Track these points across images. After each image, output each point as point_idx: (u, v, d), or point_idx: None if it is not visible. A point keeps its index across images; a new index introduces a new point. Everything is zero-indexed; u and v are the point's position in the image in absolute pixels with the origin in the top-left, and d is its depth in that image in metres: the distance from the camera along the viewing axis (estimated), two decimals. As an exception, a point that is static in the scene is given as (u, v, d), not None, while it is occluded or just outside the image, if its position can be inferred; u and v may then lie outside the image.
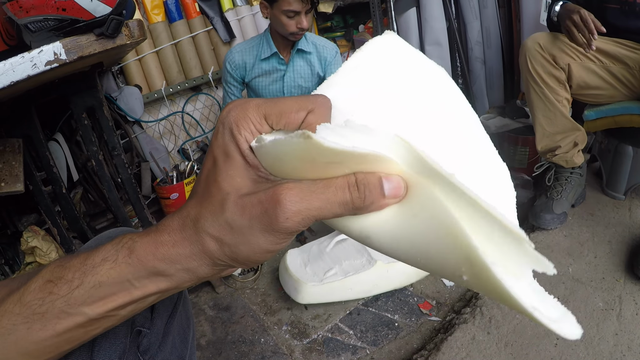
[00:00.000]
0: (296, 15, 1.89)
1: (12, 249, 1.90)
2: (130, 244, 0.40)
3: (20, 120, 1.56)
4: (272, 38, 2.07)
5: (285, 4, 1.85)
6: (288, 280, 1.64)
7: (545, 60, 1.61)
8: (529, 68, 1.64)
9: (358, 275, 1.58)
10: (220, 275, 0.43)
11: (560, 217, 1.69)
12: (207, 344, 1.53)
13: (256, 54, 2.12)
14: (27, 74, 1.13)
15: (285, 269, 1.67)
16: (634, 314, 1.30)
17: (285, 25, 1.91)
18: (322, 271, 1.63)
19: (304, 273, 1.63)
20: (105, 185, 1.69)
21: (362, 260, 1.65)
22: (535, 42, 1.63)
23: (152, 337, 0.67)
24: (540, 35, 1.64)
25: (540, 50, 1.62)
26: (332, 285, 1.57)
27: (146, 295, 0.40)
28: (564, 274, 1.49)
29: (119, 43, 1.24)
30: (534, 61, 1.63)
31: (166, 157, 2.60)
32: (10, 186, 1.44)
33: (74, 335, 0.41)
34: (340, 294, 1.59)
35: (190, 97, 2.70)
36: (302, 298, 1.58)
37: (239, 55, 2.11)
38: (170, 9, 2.49)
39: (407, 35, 2.43)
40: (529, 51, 1.64)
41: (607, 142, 1.88)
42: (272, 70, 2.16)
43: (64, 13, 1.14)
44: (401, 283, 1.64)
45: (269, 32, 2.08)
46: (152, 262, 0.39)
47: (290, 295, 1.62)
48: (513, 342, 1.27)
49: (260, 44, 2.11)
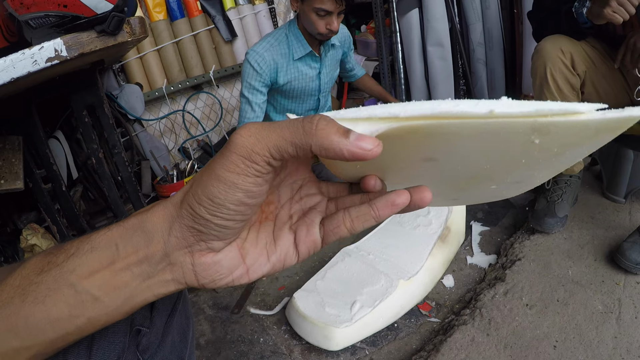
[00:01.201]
0: (327, 15, 1.76)
1: (12, 247, 1.89)
2: (125, 218, 0.41)
3: (21, 118, 1.56)
4: (302, 35, 1.92)
5: (318, 2, 1.72)
6: (311, 329, 1.41)
7: (565, 66, 1.57)
8: (547, 74, 1.59)
9: (385, 301, 1.44)
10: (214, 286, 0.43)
11: (562, 221, 1.69)
12: (206, 344, 1.53)
13: (287, 53, 1.93)
14: (27, 70, 1.13)
15: (302, 317, 1.43)
16: (633, 317, 1.30)
17: (314, 23, 1.79)
18: (346, 308, 1.43)
19: (328, 316, 1.41)
20: (105, 184, 1.69)
21: (381, 283, 1.51)
22: (556, 47, 1.57)
23: (151, 336, 0.67)
24: (561, 39, 1.58)
25: (561, 55, 1.56)
26: (364, 320, 1.40)
27: (125, 265, 0.41)
28: (563, 276, 1.49)
29: (120, 40, 1.24)
30: (554, 67, 1.57)
31: (166, 156, 2.60)
32: (10, 184, 1.44)
33: (60, 313, 0.41)
34: (373, 327, 1.44)
35: (191, 96, 2.70)
36: (336, 345, 1.37)
37: (269, 54, 1.88)
38: (172, 7, 2.49)
39: (409, 36, 2.43)
40: (548, 56, 1.58)
41: (607, 146, 1.87)
42: (308, 69, 2.01)
43: (65, 9, 1.14)
44: (421, 295, 1.56)
45: (295, 27, 1.92)
46: (139, 224, 0.40)
47: (320, 345, 1.39)
48: (512, 343, 1.27)
49: (287, 42, 1.92)
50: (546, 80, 1.59)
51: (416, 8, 2.37)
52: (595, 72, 1.61)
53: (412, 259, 1.61)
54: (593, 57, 1.61)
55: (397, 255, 1.64)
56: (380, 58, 2.68)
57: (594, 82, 1.63)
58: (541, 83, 1.62)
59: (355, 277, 1.57)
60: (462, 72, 2.31)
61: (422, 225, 1.73)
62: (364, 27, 2.94)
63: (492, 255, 1.75)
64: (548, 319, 1.33)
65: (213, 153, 2.79)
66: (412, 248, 1.65)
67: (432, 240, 1.67)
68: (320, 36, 1.85)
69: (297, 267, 1.89)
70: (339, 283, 1.55)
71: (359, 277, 1.57)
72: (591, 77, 1.61)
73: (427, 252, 1.62)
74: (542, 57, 1.59)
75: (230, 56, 2.72)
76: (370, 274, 1.56)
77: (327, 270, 1.63)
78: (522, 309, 1.38)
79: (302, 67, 1.97)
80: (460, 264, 1.74)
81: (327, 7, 1.72)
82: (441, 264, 1.66)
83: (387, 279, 1.52)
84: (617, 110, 0.29)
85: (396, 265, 1.59)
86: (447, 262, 1.71)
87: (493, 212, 2.06)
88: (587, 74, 1.60)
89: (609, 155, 1.86)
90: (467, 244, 1.85)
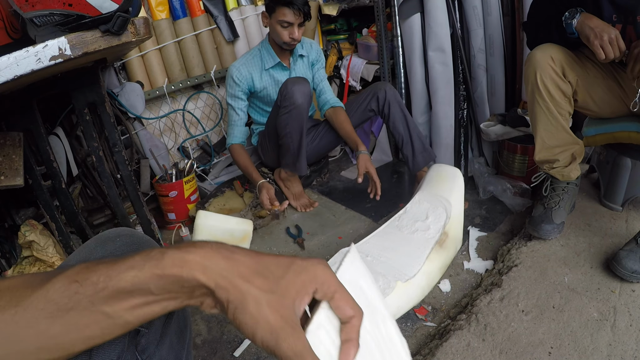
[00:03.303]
0: (289, 26, 2.11)
1: (9, 243, 1.90)
2: (158, 256, 0.44)
3: (22, 114, 1.56)
4: (272, 48, 2.26)
5: (281, 15, 2.08)
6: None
7: (555, 73, 1.58)
8: (537, 81, 1.60)
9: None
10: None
11: (559, 227, 1.70)
12: (202, 343, 1.53)
13: (259, 64, 2.28)
14: (31, 68, 1.13)
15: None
16: (628, 325, 1.31)
17: (279, 34, 2.13)
18: None
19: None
20: (104, 182, 1.69)
21: (379, 284, 1.52)
22: (547, 55, 1.58)
23: (150, 336, 0.67)
24: (552, 48, 1.60)
25: (552, 63, 1.58)
26: None
27: (159, 310, 0.46)
28: (559, 283, 1.50)
29: (124, 40, 1.25)
30: (544, 74, 1.59)
31: (166, 155, 2.61)
32: (10, 180, 1.44)
33: (93, 333, 0.45)
34: None
35: (192, 95, 2.71)
36: None
37: (244, 67, 2.24)
38: (174, 7, 2.50)
39: (410, 41, 2.44)
40: (538, 64, 1.60)
41: (605, 154, 1.88)
42: (279, 76, 2.31)
43: (70, 8, 1.14)
44: (417, 298, 1.58)
45: (267, 43, 2.27)
46: (176, 270, 0.44)
47: None
48: (508, 349, 1.28)
49: (259, 55, 2.28)
50: (537, 87, 1.61)
51: (418, 13, 2.37)
52: (589, 80, 1.63)
53: (409, 262, 1.61)
54: (586, 65, 1.63)
55: (395, 258, 1.64)
56: (381, 62, 2.69)
57: (588, 90, 1.64)
58: (533, 90, 1.64)
59: None
60: (463, 78, 2.32)
61: (420, 230, 1.74)
62: (365, 30, 2.94)
63: (489, 260, 1.76)
64: (543, 325, 1.34)
65: (212, 153, 2.79)
66: (410, 252, 1.66)
67: (429, 244, 1.67)
68: (286, 45, 2.19)
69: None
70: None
71: None
72: (584, 85, 1.62)
73: (425, 256, 1.63)
74: (533, 65, 1.62)
75: (231, 56, 2.73)
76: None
77: None
78: (517, 314, 1.39)
79: (274, 74, 2.31)
80: (457, 268, 1.75)
81: (289, 19, 2.08)
82: (438, 268, 1.67)
83: (384, 280, 1.53)
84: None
85: (394, 267, 1.60)
86: (444, 267, 1.71)
87: (491, 217, 2.07)
88: (579, 82, 1.61)
89: (607, 164, 1.87)
90: (464, 249, 1.85)
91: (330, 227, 2.20)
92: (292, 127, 2.14)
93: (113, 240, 0.71)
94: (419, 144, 2.23)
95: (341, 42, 3.11)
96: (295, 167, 2.29)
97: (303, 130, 2.18)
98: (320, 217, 2.32)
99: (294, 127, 2.14)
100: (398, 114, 2.23)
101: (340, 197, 2.50)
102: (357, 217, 2.27)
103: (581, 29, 1.46)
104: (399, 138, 2.25)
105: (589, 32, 1.42)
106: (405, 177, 2.67)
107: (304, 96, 2.09)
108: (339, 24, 3.17)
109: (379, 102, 2.28)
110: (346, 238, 2.07)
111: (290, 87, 2.08)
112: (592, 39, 1.41)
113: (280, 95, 2.14)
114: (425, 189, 1.89)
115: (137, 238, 0.74)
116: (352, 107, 2.38)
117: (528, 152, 2.15)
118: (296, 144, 2.20)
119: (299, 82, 2.10)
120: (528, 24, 1.77)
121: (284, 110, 2.11)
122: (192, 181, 2.47)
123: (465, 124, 2.37)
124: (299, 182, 2.44)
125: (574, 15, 1.49)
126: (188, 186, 2.43)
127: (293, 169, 2.32)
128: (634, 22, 1.45)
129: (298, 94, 2.07)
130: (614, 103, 1.66)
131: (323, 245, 2.03)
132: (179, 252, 0.44)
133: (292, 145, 2.20)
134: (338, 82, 3.16)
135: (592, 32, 1.41)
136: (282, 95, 2.13)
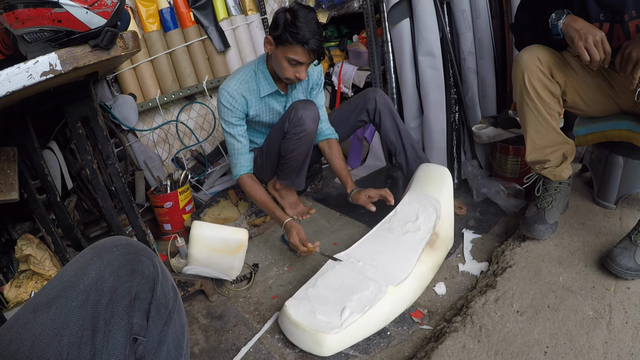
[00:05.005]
0: (298, 65, 1.87)
1: (7, 257, 1.90)
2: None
3: (15, 129, 1.56)
4: (270, 75, 2.04)
5: (292, 53, 1.82)
6: (303, 335, 1.43)
7: (543, 74, 1.59)
8: (525, 82, 1.61)
9: (375, 307, 1.46)
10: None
11: (552, 227, 1.71)
12: (200, 352, 1.53)
13: (255, 89, 2.06)
14: (22, 84, 1.14)
15: (294, 325, 1.45)
16: (623, 323, 1.31)
17: (284, 69, 1.89)
18: (336, 315, 1.45)
19: (318, 323, 1.43)
20: (99, 194, 1.69)
21: (371, 289, 1.53)
22: (534, 57, 1.59)
23: (147, 344, 0.68)
24: (538, 49, 1.61)
25: (539, 64, 1.59)
26: (354, 326, 1.42)
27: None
28: (554, 282, 1.51)
29: (113, 54, 1.26)
30: (531, 76, 1.60)
31: (160, 166, 2.61)
32: (5, 195, 1.45)
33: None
34: (363, 332, 1.46)
35: (185, 106, 2.72)
36: (327, 350, 1.40)
37: (238, 93, 2.02)
38: (165, 18, 2.51)
39: (400, 46, 2.45)
40: (525, 65, 1.60)
41: (597, 153, 1.90)
42: (275, 104, 2.15)
43: (60, 24, 1.15)
44: (410, 300, 1.59)
45: (265, 67, 2.04)
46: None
47: (311, 351, 1.42)
48: (503, 350, 1.28)
49: (255, 79, 2.05)
50: (525, 89, 1.62)
51: (407, 18, 2.39)
52: (577, 80, 1.64)
53: (400, 265, 1.62)
54: (574, 65, 1.64)
55: (386, 262, 1.65)
56: (372, 67, 2.70)
57: (577, 89, 1.65)
58: (521, 91, 1.65)
59: (345, 284, 1.59)
60: (453, 81, 2.33)
61: (410, 232, 1.75)
62: (355, 36, 2.96)
63: (484, 262, 1.77)
64: (539, 325, 1.34)
65: (206, 163, 2.80)
66: (401, 254, 1.67)
67: (420, 246, 1.69)
68: (287, 80, 1.96)
69: (290, 276, 1.91)
70: (329, 290, 1.57)
71: (348, 284, 1.59)
72: (573, 85, 1.64)
73: (416, 258, 1.64)
74: (520, 67, 1.62)
75: (223, 66, 2.74)
76: (359, 281, 1.58)
77: (318, 278, 1.64)
78: (512, 315, 1.39)
79: (270, 101, 2.12)
80: (452, 271, 1.75)
81: (300, 58, 1.83)
82: (430, 269, 1.68)
83: (376, 285, 1.54)
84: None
85: (385, 271, 1.61)
86: (436, 268, 1.72)
87: (485, 219, 2.08)
88: (567, 82, 1.63)
89: (599, 162, 1.88)
90: (459, 251, 1.86)
91: (326, 234, 2.20)
92: (299, 151, 2.10)
93: (109, 250, 0.72)
94: (412, 152, 2.21)
95: (332, 49, 3.12)
96: (294, 183, 2.29)
97: (310, 153, 2.17)
98: (315, 224, 2.32)
99: (301, 151, 2.10)
100: (389, 123, 2.20)
101: (335, 203, 2.51)
102: (351, 223, 2.28)
103: (566, 31, 1.46)
104: (392, 147, 2.24)
105: (573, 34, 1.43)
106: (399, 182, 2.68)
107: (314, 122, 2.02)
108: (329, 31, 3.19)
109: (369, 114, 2.24)
110: (341, 244, 2.07)
111: (300, 114, 1.98)
112: (577, 41, 1.41)
113: (288, 122, 2.02)
114: (414, 189, 1.90)
115: (133, 247, 0.75)
116: (342, 116, 2.35)
117: (520, 153, 2.16)
118: (300, 165, 2.19)
119: (308, 107, 2.01)
120: (515, 25, 1.78)
121: (294, 136, 2.04)
122: (186, 192, 2.48)
123: (457, 127, 2.39)
124: (294, 191, 2.44)
125: (560, 16, 1.50)
126: (183, 197, 2.43)
127: (291, 185, 2.31)
128: (621, 20, 1.46)
129: (309, 120, 1.99)
130: (604, 102, 1.67)
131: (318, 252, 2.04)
132: None
133: (295, 165, 2.18)
134: (330, 90, 3.18)
135: (577, 33, 1.42)
136: (290, 121, 2.01)
